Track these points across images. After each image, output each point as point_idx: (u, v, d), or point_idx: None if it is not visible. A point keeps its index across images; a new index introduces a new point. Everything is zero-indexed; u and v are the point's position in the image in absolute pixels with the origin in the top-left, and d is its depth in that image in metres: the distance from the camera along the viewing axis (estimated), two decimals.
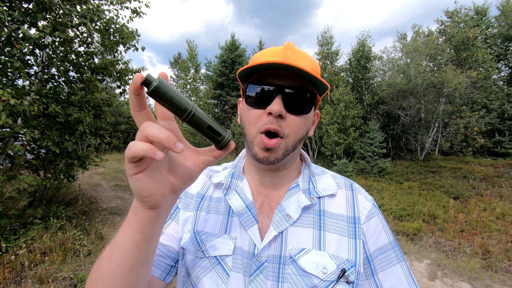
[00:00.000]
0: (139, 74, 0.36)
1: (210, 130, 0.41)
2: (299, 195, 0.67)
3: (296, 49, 0.64)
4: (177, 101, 0.36)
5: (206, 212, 0.69)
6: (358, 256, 0.60)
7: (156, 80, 0.35)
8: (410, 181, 9.85)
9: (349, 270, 0.58)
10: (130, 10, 5.56)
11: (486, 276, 3.91)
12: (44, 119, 4.53)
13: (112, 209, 6.08)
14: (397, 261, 0.64)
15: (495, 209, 6.67)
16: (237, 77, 0.66)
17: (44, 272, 3.14)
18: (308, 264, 0.57)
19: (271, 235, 0.60)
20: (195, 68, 21.42)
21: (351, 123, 12.29)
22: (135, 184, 0.40)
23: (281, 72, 0.60)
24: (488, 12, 15.41)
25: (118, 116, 21.81)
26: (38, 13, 3.99)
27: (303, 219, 0.63)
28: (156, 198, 0.42)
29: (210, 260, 0.62)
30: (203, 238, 0.65)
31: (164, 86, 0.35)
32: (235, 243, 0.62)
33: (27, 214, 4.10)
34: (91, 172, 10.19)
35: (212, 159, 0.47)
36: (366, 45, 15.13)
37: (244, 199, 0.67)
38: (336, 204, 0.66)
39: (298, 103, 0.60)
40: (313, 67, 0.63)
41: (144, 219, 0.43)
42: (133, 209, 0.44)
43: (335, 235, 0.62)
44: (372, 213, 0.66)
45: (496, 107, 13.74)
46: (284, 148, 0.62)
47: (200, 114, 0.38)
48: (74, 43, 4.86)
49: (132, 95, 0.37)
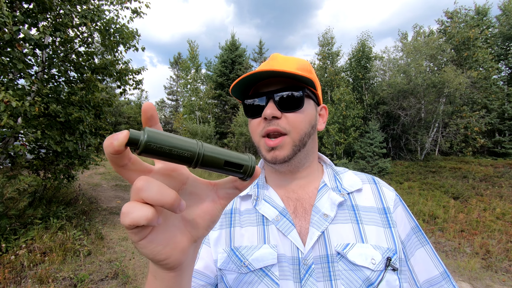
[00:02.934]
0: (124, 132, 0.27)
1: (229, 165, 0.33)
2: (330, 193, 0.68)
3: (281, 57, 0.69)
4: (177, 151, 0.28)
5: (239, 227, 0.68)
6: (397, 243, 0.62)
7: (143, 134, 0.27)
8: (410, 181, 9.85)
9: (393, 257, 0.60)
10: (131, 10, 5.56)
11: (486, 276, 3.91)
12: (44, 119, 4.53)
13: (112, 209, 6.08)
14: (421, 244, 0.67)
15: (495, 209, 6.67)
16: (232, 96, 0.69)
17: (44, 272, 3.14)
18: (357, 257, 0.58)
19: (314, 236, 0.60)
20: (196, 68, 21.43)
21: (352, 123, 12.29)
22: (145, 250, 0.33)
23: (269, 81, 0.65)
24: (489, 12, 15.41)
25: (118, 116, 21.84)
26: (38, 13, 3.99)
27: (340, 215, 0.64)
28: (174, 259, 0.35)
29: (256, 273, 0.60)
30: (244, 253, 0.63)
31: (156, 140, 0.27)
32: (277, 251, 0.61)
33: (27, 214, 4.10)
34: (91, 172, 10.19)
35: (235, 191, 0.39)
36: (367, 45, 15.13)
37: (276, 206, 0.67)
38: (366, 198, 0.68)
39: (290, 101, 0.63)
40: (299, 67, 0.66)
41: (168, 281, 0.38)
42: (152, 273, 0.39)
43: (373, 226, 0.63)
44: (397, 202, 0.69)
45: (496, 107, 13.74)
46: (291, 144, 0.63)
47: (211, 153, 0.31)
48: (74, 43, 4.86)
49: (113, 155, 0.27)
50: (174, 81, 34.21)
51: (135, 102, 24.94)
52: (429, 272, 0.64)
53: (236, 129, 17.57)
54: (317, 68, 15.62)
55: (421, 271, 0.64)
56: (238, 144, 17.45)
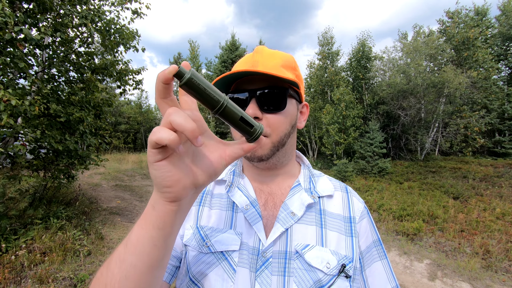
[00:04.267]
0: (174, 65, 0.35)
1: (243, 122, 0.39)
2: (302, 193, 0.69)
3: (266, 50, 0.67)
4: (209, 93, 0.35)
5: (208, 208, 0.70)
6: (355, 252, 0.64)
7: (189, 72, 0.34)
8: (410, 181, 9.85)
9: (348, 265, 0.62)
10: (131, 11, 5.57)
11: (486, 276, 3.91)
12: (44, 119, 4.53)
13: (112, 209, 6.08)
14: (379, 258, 0.69)
15: (495, 209, 6.67)
16: None
17: (44, 272, 3.14)
18: (313, 259, 0.60)
19: (278, 232, 0.62)
20: (196, 68, 21.45)
21: (351, 123, 12.29)
22: (156, 172, 0.38)
23: (252, 77, 0.64)
24: (488, 13, 15.41)
25: (118, 116, 21.82)
26: (39, 13, 4.00)
27: (306, 217, 0.66)
28: (177, 189, 0.39)
29: (216, 255, 0.62)
30: (208, 233, 0.64)
31: (197, 78, 0.34)
32: (241, 238, 0.63)
33: (27, 215, 4.10)
34: (91, 172, 10.19)
35: (241, 152, 0.44)
36: (367, 45, 15.14)
37: (248, 196, 0.68)
38: (334, 204, 0.70)
39: (271, 101, 0.63)
40: (285, 63, 0.65)
41: (164, 214, 0.40)
42: (152, 203, 0.41)
43: (335, 233, 0.65)
44: (364, 214, 0.72)
45: (496, 107, 13.74)
46: (270, 145, 0.64)
47: (232, 106, 0.38)
48: (74, 43, 4.86)
49: (160, 83, 0.36)
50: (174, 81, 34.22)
51: (135, 102, 24.91)
52: (382, 285, 0.67)
53: None
54: (317, 68, 15.62)
55: (375, 283, 0.67)
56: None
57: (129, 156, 16.00)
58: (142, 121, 23.49)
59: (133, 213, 6.03)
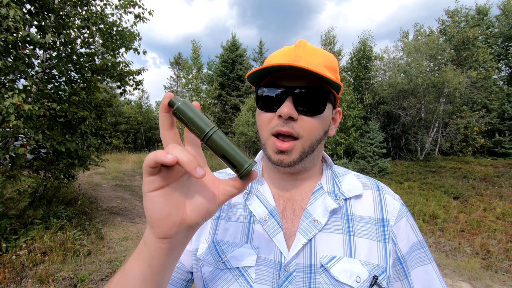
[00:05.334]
0: (169, 93, 0.38)
1: (225, 159, 0.38)
2: (325, 197, 0.63)
3: (309, 46, 0.61)
4: (194, 123, 0.37)
5: (225, 220, 0.65)
6: (388, 260, 0.58)
7: (179, 101, 0.38)
8: (410, 181, 9.85)
9: (380, 276, 0.56)
10: (133, 15, 5.62)
11: (486, 276, 3.91)
12: (44, 119, 4.53)
13: (112, 209, 6.08)
14: (429, 261, 0.63)
15: (495, 209, 6.67)
16: (247, 81, 0.63)
17: (44, 272, 3.15)
18: (341, 273, 0.55)
19: (300, 243, 0.57)
20: (197, 69, 21.43)
21: (352, 123, 12.29)
22: (148, 204, 0.38)
23: (291, 73, 0.58)
24: (489, 12, 15.40)
25: (118, 116, 21.82)
26: (41, 13, 4.00)
27: (331, 223, 0.60)
28: (167, 225, 0.38)
29: (232, 271, 0.58)
30: (224, 248, 0.61)
31: (184, 108, 0.37)
32: (258, 253, 0.58)
33: (27, 214, 4.10)
34: (91, 172, 10.20)
35: (234, 190, 0.42)
36: (367, 45, 15.13)
37: (267, 205, 0.64)
38: (364, 206, 0.64)
39: (310, 103, 0.57)
40: (328, 64, 0.60)
41: (154, 251, 0.40)
42: (144, 238, 0.41)
43: (365, 240, 0.59)
44: (402, 213, 0.64)
45: (496, 107, 13.73)
46: (300, 150, 0.59)
47: (218, 139, 0.38)
48: (76, 44, 4.87)
49: (161, 113, 0.39)
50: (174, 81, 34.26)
51: (136, 102, 24.92)
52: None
53: (237, 129, 17.56)
54: None
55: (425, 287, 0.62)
56: (239, 144, 17.44)
57: (129, 156, 16.01)
58: (142, 121, 23.50)
59: (133, 213, 6.04)
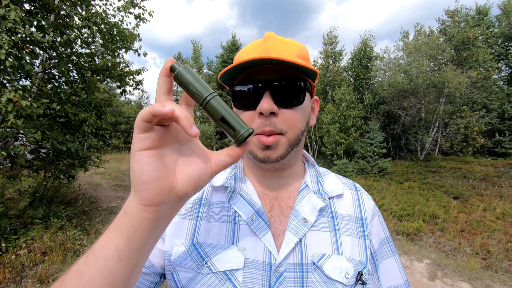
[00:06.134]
0: (171, 58, 0.37)
1: (224, 122, 0.37)
2: (311, 196, 0.63)
3: (278, 37, 0.59)
4: (194, 87, 0.37)
5: (207, 221, 0.61)
6: (368, 256, 0.61)
7: (180, 66, 0.37)
8: (410, 181, 9.84)
9: (363, 271, 0.58)
10: (134, 15, 5.63)
11: (486, 276, 3.91)
12: (45, 119, 4.53)
13: (112, 209, 6.08)
14: (392, 254, 0.67)
15: (495, 209, 6.67)
16: (220, 82, 0.60)
17: (44, 272, 3.15)
18: (332, 270, 0.55)
19: (292, 242, 0.56)
20: (198, 68, 21.45)
21: (352, 123, 12.29)
22: (136, 164, 0.34)
23: (265, 67, 0.55)
24: (489, 12, 15.39)
25: (118, 116, 21.82)
26: (41, 13, 4.01)
27: (319, 222, 0.60)
28: (155, 189, 0.34)
29: (217, 275, 0.54)
30: (207, 251, 0.56)
31: (185, 73, 0.37)
32: (245, 254, 0.56)
33: (27, 214, 4.10)
34: (91, 172, 10.20)
35: (228, 159, 0.40)
36: (368, 45, 15.14)
37: (253, 204, 0.61)
38: (345, 205, 0.65)
39: (289, 95, 0.55)
40: (299, 53, 0.58)
41: (137, 220, 0.35)
42: (125, 207, 0.36)
43: (348, 237, 0.61)
44: (375, 211, 0.68)
45: (496, 107, 13.73)
46: (286, 144, 0.57)
47: (216, 104, 0.37)
48: (75, 44, 4.88)
49: (162, 76, 0.38)
50: None
51: (136, 102, 24.94)
52: (394, 280, 0.65)
53: None
54: (319, 67, 15.62)
55: (387, 278, 0.65)
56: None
57: (129, 156, 16.01)
58: None
59: None
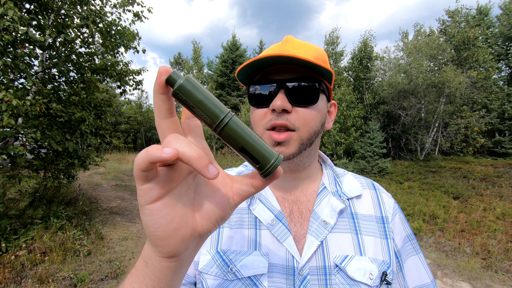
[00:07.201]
0: (164, 66, 0.28)
1: (245, 153, 0.29)
2: (330, 198, 0.63)
3: (296, 41, 0.61)
4: (204, 106, 0.27)
5: (229, 228, 0.62)
6: (392, 255, 0.60)
7: (182, 78, 0.27)
8: (410, 181, 9.84)
9: (387, 270, 0.57)
10: (132, 13, 5.60)
11: (486, 276, 3.91)
12: (44, 119, 4.53)
13: (112, 209, 6.08)
14: (415, 252, 0.65)
15: (495, 209, 6.66)
16: (237, 79, 0.62)
17: (44, 272, 3.15)
18: (356, 271, 0.55)
19: (313, 245, 0.56)
20: (198, 69, 21.46)
21: (352, 123, 12.30)
22: (148, 219, 0.29)
23: (281, 67, 0.58)
24: (490, 12, 15.39)
25: (118, 116, 21.82)
26: (40, 13, 4.00)
27: (340, 224, 0.60)
28: (175, 242, 0.31)
29: (243, 281, 0.55)
30: (232, 258, 0.57)
31: (189, 87, 0.27)
32: (268, 259, 0.56)
33: (27, 214, 4.10)
34: (91, 172, 10.19)
35: (252, 189, 0.34)
36: (368, 45, 15.14)
37: (272, 209, 0.62)
38: (364, 205, 0.65)
39: (304, 94, 0.56)
40: (316, 55, 0.59)
41: (159, 272, 0.32)
42: (144, 258, 0.33)
43: (370, 237, 0.60)
44: (396, 210, 0.67)
45: (496, 107, 13.73)
46: (298, 142, 0.58)
47: (236, 128, 0.28)
48: (75, 44, 4.87)
49: (157, 95, 0.29)
50: None
51: (135, 102, 24.92)
52: (421, 279, 0.63)
53: None
54: None
55: (413, 277, 0.64)
56: None
57: (129, 156, 16.01)
58: (142, 121, 23.48)
59: (133, 213, 6.03)
